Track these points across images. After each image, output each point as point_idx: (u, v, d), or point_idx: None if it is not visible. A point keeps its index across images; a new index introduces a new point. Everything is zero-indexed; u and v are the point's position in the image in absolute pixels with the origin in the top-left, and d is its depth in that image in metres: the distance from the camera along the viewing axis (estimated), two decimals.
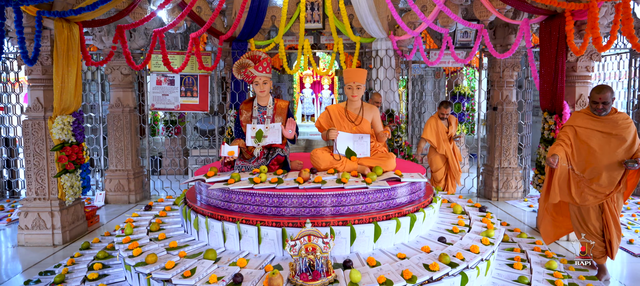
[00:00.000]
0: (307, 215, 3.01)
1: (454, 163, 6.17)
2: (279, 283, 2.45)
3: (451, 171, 6.22)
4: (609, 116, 3.60)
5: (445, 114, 6.11)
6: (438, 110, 6.18)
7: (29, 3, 4.15)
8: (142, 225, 3.60)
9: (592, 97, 3.61)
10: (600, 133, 3.59)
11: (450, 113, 6.22)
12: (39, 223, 4.95)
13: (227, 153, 3.43)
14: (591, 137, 3.62)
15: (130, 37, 6.57)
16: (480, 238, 3.19)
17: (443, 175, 6.28)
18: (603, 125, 3.58)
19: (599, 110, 3.57)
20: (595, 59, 5.08)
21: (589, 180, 3.64)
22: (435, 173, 6.30)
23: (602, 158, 3.56)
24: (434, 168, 6.30)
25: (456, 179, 6.27)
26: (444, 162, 6.22)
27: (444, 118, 6.16)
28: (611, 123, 3.56)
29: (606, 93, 3.52)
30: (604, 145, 3.57)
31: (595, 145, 3.60)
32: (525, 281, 3.13)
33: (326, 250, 2.55)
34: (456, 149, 6.28)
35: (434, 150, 6.19)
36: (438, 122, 6.12)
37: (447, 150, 6.12)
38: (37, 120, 4.93)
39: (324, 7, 6.69)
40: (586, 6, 4.33)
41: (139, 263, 2.82)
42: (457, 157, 6.25)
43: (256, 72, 3.62)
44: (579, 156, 3.69)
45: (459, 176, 6.30)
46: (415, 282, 2.58)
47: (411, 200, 3.41)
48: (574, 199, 3.71)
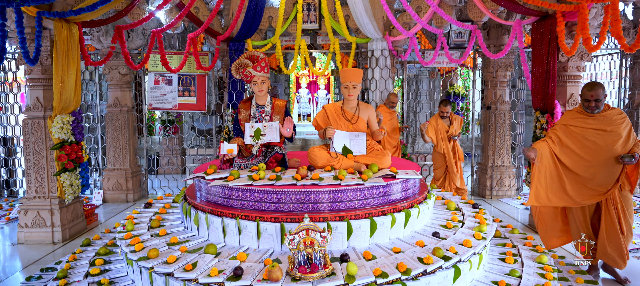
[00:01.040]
0: (305, 210, 3.10)
1: (452, 164, 6.17)
2: (279, 276, 2.53)
3: (449, 171, 6.24)
4: (602, 113, 3.54)
5: (445, 112, 6.12)
6: (439, 108, 6.21)
7: (30, 4, 4.21)
8: (142, 221, 3.67)
9: (584, 94, 3.55)
10: (594, 131, 3.53)
11: (451, 112, 6.22)
12: (38, 221, 5.00)
13: (226, 151, 3.51)
14: (585, 135, 3.55)
15: (128, 37, 6.62)
16: (473, 233, 3.29)
17: (442, 173, 6.33)
18: (597, 122, 3.52)
19: (592, 107, 3.51)
20: (585, 59, 5.19)
21: (585, 179, 3.57)
22: (435, 172, 6.38)
23: (597, 155, 3.50)
24: (434, 166, 6.39)
25: (453, 180, 6.26)
26: (443, 162, 6.25)
27: (445, 116, 6.17)
28: (606, 120, 3.49)
29: (598, 90, 3.47)
30: (599, 142, 3.49)
31: (589, 143, 3.53)
32: (516, 275, 3.23)
33: (324, 244, 2.63)
34: (457, 149, 6.26)
35: (435, 149, 6.26)
36: (438, 120, 6.16)
37: (446, 149, 6.15)
38: (36, 119, 4.98)
39: (320, 7, 6.78)
40: (576, 8, 4.43)
41: (141, 257, 2.89)
42: (458, 157, 6.24)
43: (254, 72, 3.70)
44: (572, 155, 3.61)
45: (456, 177, 6.26)
46: (409, 275, 2.67)
47: (406, 196, 3.51)
48: (572, 199, 3.62)
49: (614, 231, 3.50)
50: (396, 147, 6.73)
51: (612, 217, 3.51)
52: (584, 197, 3.59)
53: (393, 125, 6.58)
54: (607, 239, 3.52)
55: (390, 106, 6.55)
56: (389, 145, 6.61)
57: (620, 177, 3.48)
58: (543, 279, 3.16)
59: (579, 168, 3.60)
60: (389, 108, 6.55)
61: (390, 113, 6.57)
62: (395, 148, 6.72)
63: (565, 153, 3.66)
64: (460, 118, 6.34)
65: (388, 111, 6.54)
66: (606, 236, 3.53)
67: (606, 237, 3.53)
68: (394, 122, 6.60)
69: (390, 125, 6.54)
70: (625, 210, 3.53)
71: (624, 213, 3.52)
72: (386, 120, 6.48)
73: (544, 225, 3.90)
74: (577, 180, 3.63)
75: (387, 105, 6.57)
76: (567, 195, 3.66)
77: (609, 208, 3.53)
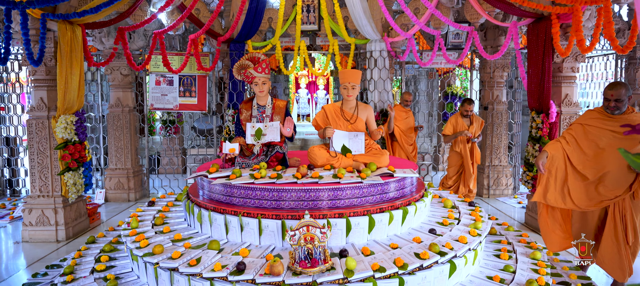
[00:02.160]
0: (305, 208, 3.18)
1: (469, 165, 6.12)
2: (280, 270, 2.62)
3: (465, 172, 6.20)
4: (623, 115, 3.30)
5: (469, 111, 6.05)
6: (461, 107, 6.16)
7: (35, 6, 4.29)
8: (146, 219, 3.75)
9: (605, 94, 3.32)
10: (611, 132, 3.30)
11: (473, 113, 6.14)
12: (43, 220, 5.09)
13: (228, 151, 3.60)
14: (601, 136, 3.34)
15: (130, 38, 6.71)
16: (469, 230, 3.38)
17: (455, 172, 6.30)
18: (616, 125, 3.28)
19: (611, 108, 3.29)
20: (580, 60, 5.29)
21: (592, 182, 3.38)
22: (449, 170, 6.38)
23: (610, 159, 3.27)
24: (449, 164, 6.39)
25: (467, 181, 6.19)
26: (459, 161, 6.22)
27: (467, 116, 6.11)
28: (625, 123, 3.23)
29: (619, 90, 3.22)
30: (614, 146, 3.27)
31: (604, 144, 3.32)
32: (510, 270, 3.32)
33: (323, 240, 2.72)
34: (476, 151, 6.20)
35: (452, 148, 6.25)
36: (458, 119, 6.11)
37: (463, 149, 6.11)
38: (40, 120, 5.06)
39: (319, 9, 6.87)
40: (571, 10, 4.54)
41: (146, 253, 2.98)
42: (475, 159, 6.19)
43: (255, 73, 3.79)
44: (584, 156, 3.41)
45: (471, 179, 6.20)
46: (406, 269, 2.76)
47: (403, 194, 3.60)
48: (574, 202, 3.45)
49: (617, 241, 3.31)
50: (413, 145, 6.70)
51: (617, 226, 3.32)
52: (590, 201, 3.40)
53: (409, 124, 6.60)
54: (608, 248, 3.35)
55: (405, 104, 6.63)
56: (405, 143, 6.59)
57: (634, 184, 3.25)
58: (536, 274, 3.25)
59: (587, 170, 3.40)
60: (404, 107, 6.63)
61: (406, 112, 6.62)
62: (412, 146, 6.68)
63: (575, 153, 3.46)
64: (481, 120, 6.27)
65: (403, 110, 6.60)
66: (608, 244, 3.35)
67: (607, 246, 3.36)
68: (409, 121, 6.61)
69: (406, 124, 6.56)
70: (635, 219, 3.31)
71: (633, 222, 3.31)
72: (401, 118, 6.54)
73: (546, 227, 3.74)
74: (583, 182, 3.44)
75: (402, 104, 6.66)
76: (570, 199, 3.48)
77: (615, 215, 3.33)
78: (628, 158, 1.14)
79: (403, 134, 6.58)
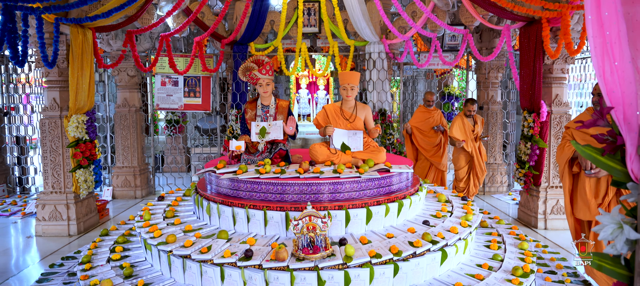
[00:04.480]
0: (307, 201, 3.41)
1: (480, 162, 6.23)
2: (285, 256, 2.85)
3: (475, 170, 6.28)
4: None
5: (472, 111, 6.13)
6: (464, 107, 6.23)
7: (51, 11, 4.54)
8: (157, 212, 3.98)
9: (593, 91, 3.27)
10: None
11: (475, 112, 6.22)
12: (55, 215, 5.32)
13: (234, 148, 3.83)
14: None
15: (137, 40, 6.94)
16: (460, 222, 3.61)
17: (465, 173, 6.33)
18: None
19: (594, 102, 3.30)
20: (569, 62, 5.51)
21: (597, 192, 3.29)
22: (458, 172, 6.35)
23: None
24: (457, 166, 6.35)
25: (480, 179, 6.31)
26: (468, 161, 6.29)
27: (470, 115, 6.20)
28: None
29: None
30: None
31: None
32: (498, 259, 3.55)
33: (324, 228, 2.96)
34: (482, 149, 6.34)
35: (459, 149, 6.22)
36: (464, 119, 6.16)
37: (474, 148, 6.20)
38: (53, 119, 5.30)
39: (320, 12, 7.10)
40: (560, 14, 4.77)
41: (160, 242, 3.21)
42: (482, 157, 6.30)
43: (260, 75, 4.02)
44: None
45: (483, 176, 6.32)
46: (400, 256, 2.99)
47: (399, 188, 3.83)
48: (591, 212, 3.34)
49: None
50: (438, 145, 6.48)
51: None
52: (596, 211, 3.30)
53: (431, 125, 6.44)
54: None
55: (427, 104, 6.53)
56: (428, 145, 6.45)
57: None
58: (522, 262, 3.48)
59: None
60: (427, 107, 6.54)
61: (429, 112, 6.51)
62: (437, 147, 6.48)
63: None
64: (482, 118, 6.38)
65: (426, 110, 6.52)
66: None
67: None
68: (431, 121, 6.45)
69: (428, 125, 6.44)
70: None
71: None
72: (423, 119, 6.43)
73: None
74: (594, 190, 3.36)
75: (424, 104, 6.56)
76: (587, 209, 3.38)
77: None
78: (578, 148, 1.37)
79: (422, 135, 6.47)
